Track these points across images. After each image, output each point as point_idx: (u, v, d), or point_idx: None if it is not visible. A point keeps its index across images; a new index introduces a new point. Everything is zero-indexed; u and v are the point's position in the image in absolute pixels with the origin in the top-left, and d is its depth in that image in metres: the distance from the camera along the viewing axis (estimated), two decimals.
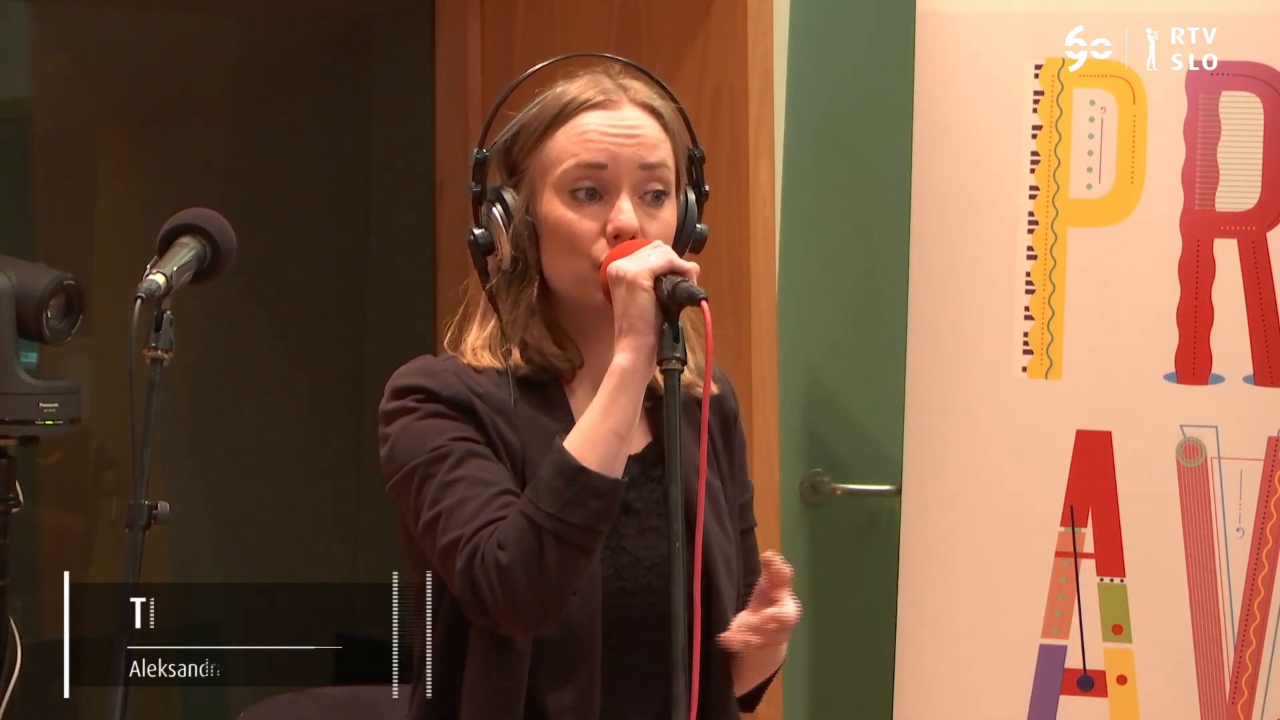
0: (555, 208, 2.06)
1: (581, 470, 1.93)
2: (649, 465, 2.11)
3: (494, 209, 2.07)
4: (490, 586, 1.93)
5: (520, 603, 1.93)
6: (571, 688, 2.02)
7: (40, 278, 2.74)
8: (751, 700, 2.22)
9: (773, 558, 2.02)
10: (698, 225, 2.12)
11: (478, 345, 2.11)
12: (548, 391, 2.09)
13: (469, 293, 2.16)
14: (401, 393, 2.06)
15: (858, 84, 3.47)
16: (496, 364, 2.09)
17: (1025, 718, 3.00)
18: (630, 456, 2.07)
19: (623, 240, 2.02)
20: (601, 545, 1.97)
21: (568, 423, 2.03)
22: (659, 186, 2.07)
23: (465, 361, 2.10)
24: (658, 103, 2.10)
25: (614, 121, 2.06)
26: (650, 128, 2.08)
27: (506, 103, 2.12)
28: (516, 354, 2.08)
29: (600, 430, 1.96)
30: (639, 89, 2.10)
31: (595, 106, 2.07)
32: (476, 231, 2.08)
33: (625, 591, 2.05)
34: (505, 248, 2.07)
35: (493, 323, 2.10)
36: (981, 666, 3.01)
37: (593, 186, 2.05)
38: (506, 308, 2.09)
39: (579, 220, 2.05)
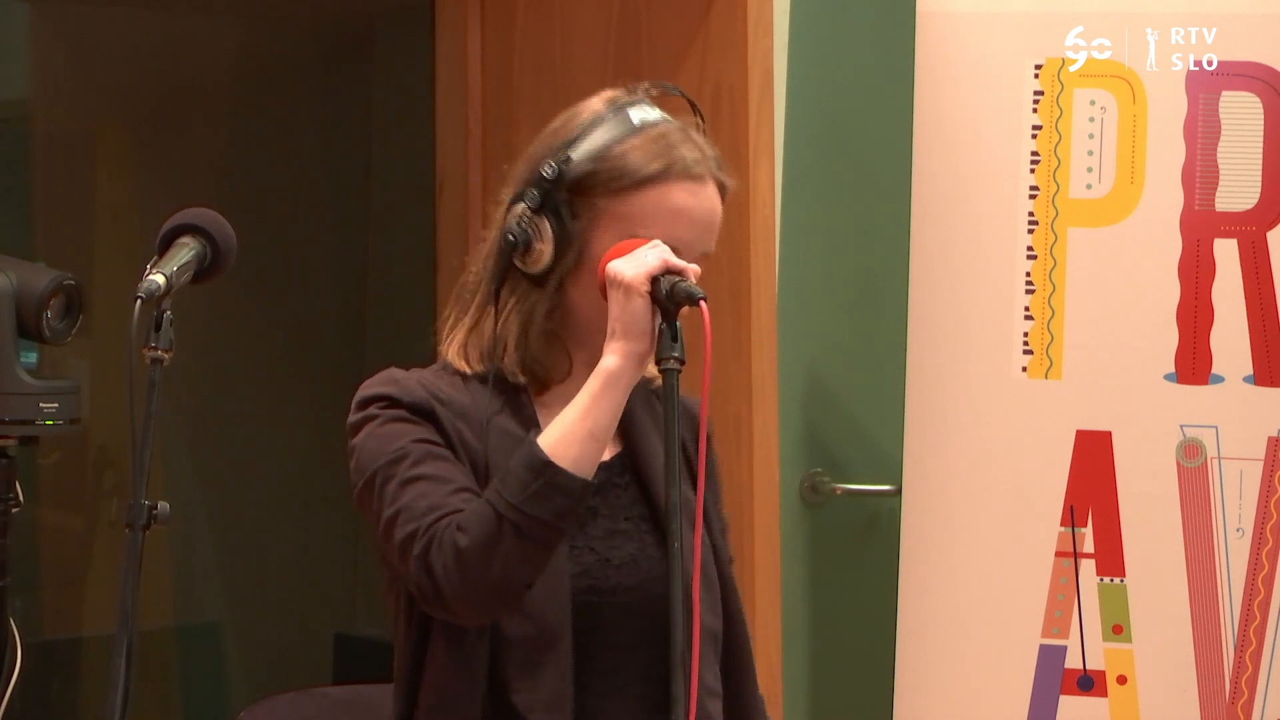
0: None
1: (549, 465, 1.94)
2: (615, 473, 2.12)
3: (546, 222, 2.06)
4: (445, 569, 1.94)
5: (473, 586, 1.93)
6: (542, 685, 2.03)
7: (40, 278, 2.74)
8: None
9: None
10: None
11: (467, 344, 2.11)
12: (516, 400, 2.09)
13: (467, 284, 2.15)
14: (365, 403, 2.09)
15: (858, 84, 3.48)
16: (478, 367, 2.09)
17: (1025, 718, 3.00)
18: (600, 463, 2.07)
19: (624, 241, 2.03)
20: (561, 543, 1.97)
21: (535, 432, 2.03)
22: (701, 265, 2.09)
23: (450, 361, 2.11)
24: (727, 178, 2.11)
25: (700, 204, 2.07)
26: (720, 211, 2.10)
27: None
28: (512, 348, 2.08)
29: (576, 429, 1.96)
30: (716, 160, 2.11)
31: (689, 179, 2.06)
32: (518, 233, 2.06)
33: (595, 590, 2.06)
34: (544, 260, 2.06)
35: (487, 322, 2.10)
36: (981, 666, 3.01)
37: None
38: (510, 306, 2.09)
39: None
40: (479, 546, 1.92)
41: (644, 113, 2.09)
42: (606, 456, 2.10)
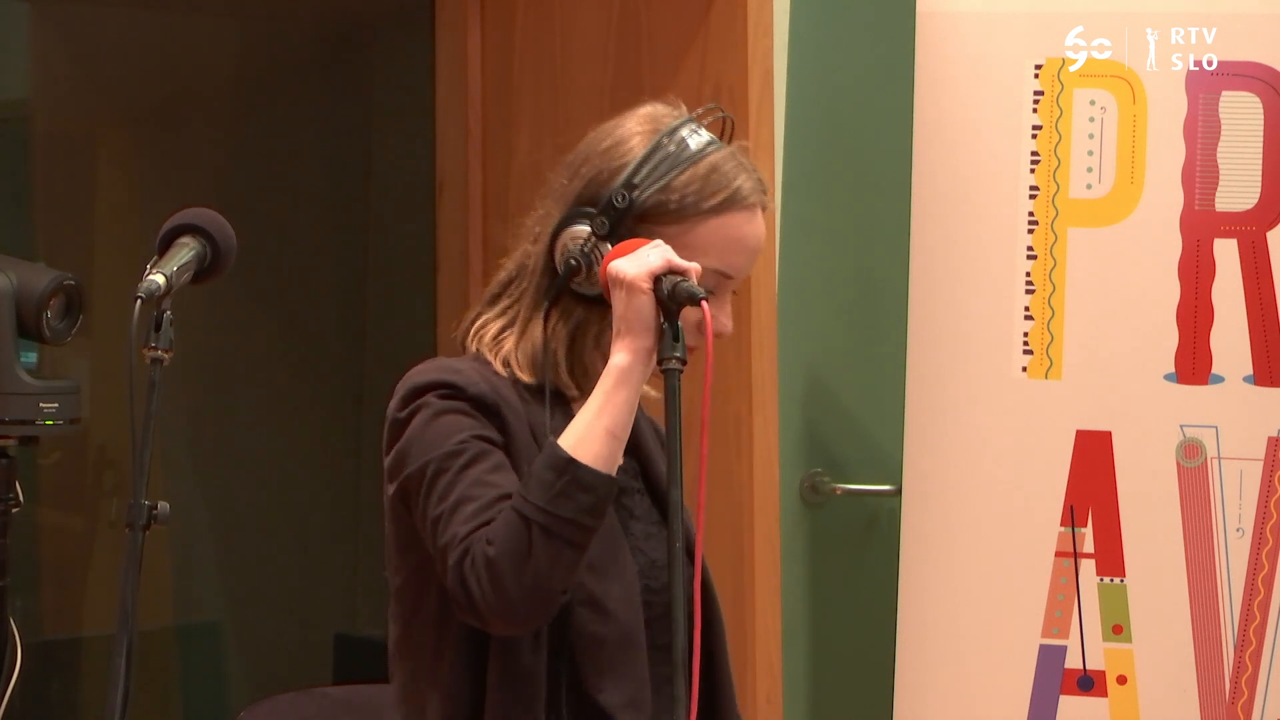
0: None
1: (571, 462, 1.93)
2: (631, 477, 2.13)
3: (602, 245, 2.06)
4: (479, 583, 1.92)
5: (507, 597, 1.92)
6: (626, 683, 2.03)
7: (40, 278, 2.74)
8: None
9: None
10: None
11: (517, 352, 2.10)
12: (567, 412, 2.08)
13: (502, 283, 2.15)
14: (421, 390, 2.05)
15: (858, 84, 3.47)
16: (528, 376, 2.09)
17: (1025, 718, 3.00)
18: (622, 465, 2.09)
19: (626, 241, 2.03)
20: (590, 544, 1.96)
21: (554, 435, 2.02)
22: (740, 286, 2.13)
23: (485, 357, 2.11)
24: (768, 202, 2.13)
25: (755, 233, 2.10)
26: (765, 234, 2.13)
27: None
28: (562, 360, 2.09)
29: (594, 427, 1.96)
30: (762, 184, 2.12)
31: (746, 209, 2.09)
32: (580, 258, 2.06)
33: (650, 590, 2.07)
34: (600, 283, 2.04)
35: (535, 331, 2.10)
36: (981, 666, 3.01)
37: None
38: (558, 320, 2.09)
39: None
40: (508, 555, 1.91)
41: (698, 137, 2.10)
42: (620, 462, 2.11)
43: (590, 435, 1.96)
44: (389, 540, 2.10)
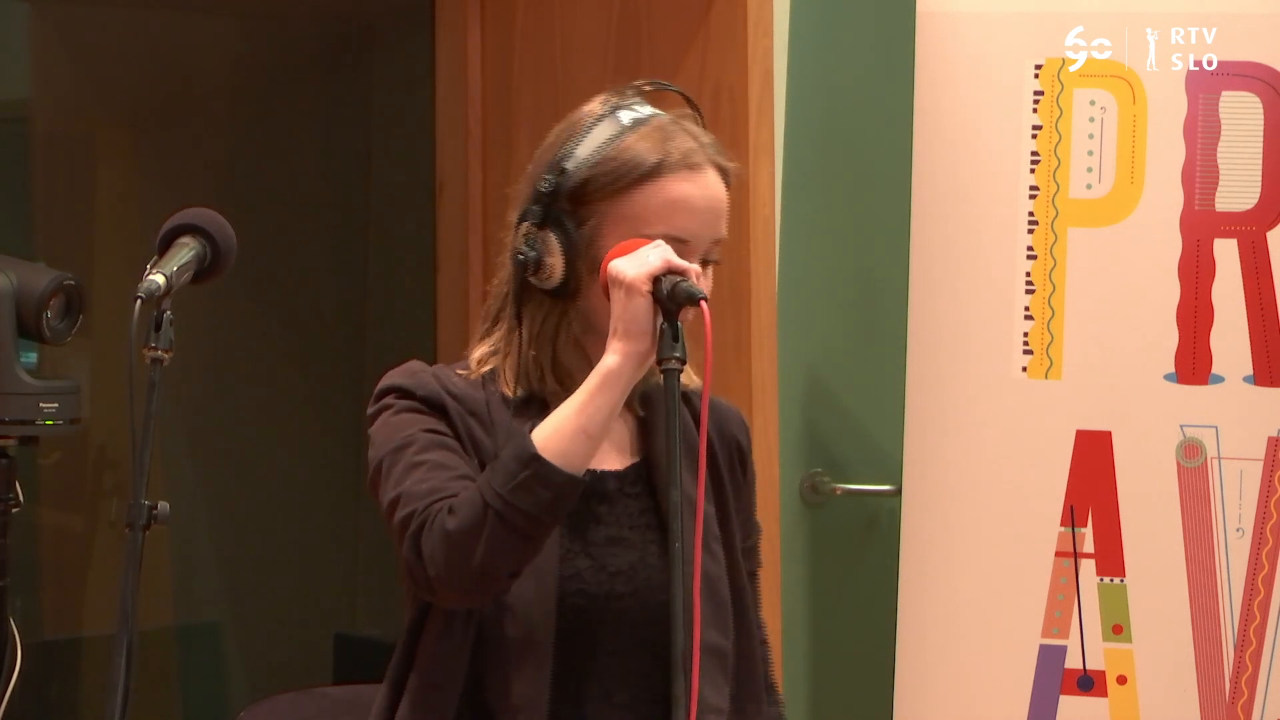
0: None
1: (536, 458, 1.94)
2: (628, 482, 2.12)
3: (552, 235, 2.06)
4: (431, 548, 1.95)
5: (455, 569, 1.94)
6: (517, 685, 2.03)
7: (40, 278, 2.74)
8: None
9: None
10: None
11: (505, 368, 2.11)
12: (533, 405, 2.09)
13: (489, 307, 2.16)
14: (381, 394, 2.10)
15: (858, 84, 3.47)
16: (518, 391, 2.09)
17: (1025, 718, 3.00)
18: (610, 472, 2.09)
19: (627, 241, 2.02)
20: (545, 537, 1.97)
21: (531, 426, 2.02)
22: (718, 253, 2.09)
23: (471, 366, 2.12)
24: (726, 162, 2.11)
25: (700, 193, 2.07)
26: (724, 196, 2.10)
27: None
28: (548, 370, 2.09)
29: (569, 425, 1.96)
30: (713, 146, 2.11)
31: (686, 169, 2.06)
32: (526, 252, 2.06)
33: (585, 594, 2.05)
34: (557, 273, 2.05)
35: (510, 336, 2.11)
36: (981, 666, 3.01)
37: None
38: (532, 322, 2.09)
39: None
40: (463, 530, 1.93)
41: (634, 111, 2.09)
42: (620, 466, 2.11)
43: (562, 432, 1.96)
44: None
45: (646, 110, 2.10)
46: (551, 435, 1.96)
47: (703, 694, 1.96)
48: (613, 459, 2.11)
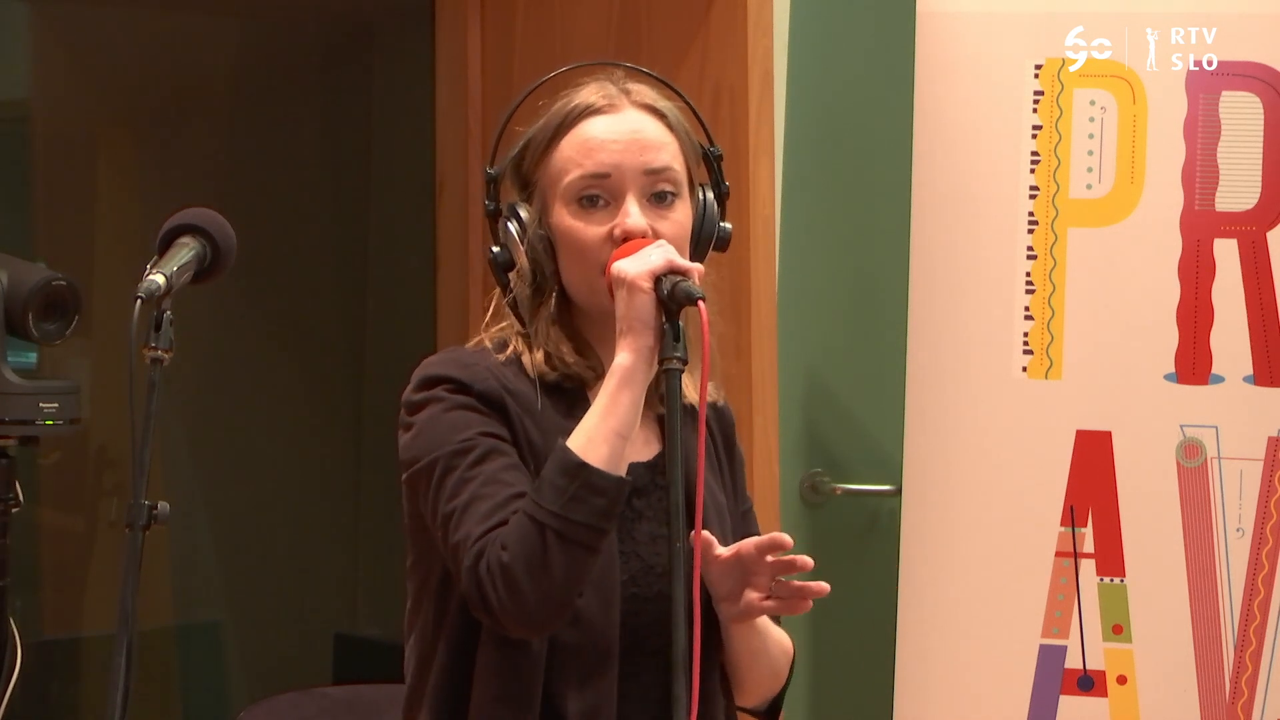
0: (564, 218, 2.06)
1: (583, 466, 1.93)
2: (658, 473, 2.10)
3: (509, 224, 2.08)
4: (495, 588, 1.92)
5: (524, 604, 1.92)
6: (591, 693, 2.02)
7: (30, 277, 2.72)
8: (773, 712, 2.21)
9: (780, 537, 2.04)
10: (721, 224, 2.13)
11: (531, 354, 2.11)
12: (572, 397, 2.08)
13: (496, 304, 2.16)
14: (432, 382, 2.06)
15: (858, 84, 3.47)
16: (551, 375, 2.09)
17: (1025, 718, 3.00)
18: (639, 464, 2.08)
19: (631, 241, 2.03)
20: (606, 545, 1.96)
21: (562, 439, 2.01)
22: (667, 188, 2.07)
23: (490, 347, 2.11)
24: (661, 104, 2.11)
25: (616, 127, 2.07)
26: (653, 130, 2.08)
27: (515, 117, 2.13)
28: (540, 361, 2.08)
29: (602, 429, 1.96)
30: (642, 91, 2.11)
31: (597, 112, 2.08)
32: (495, 249, 2.09)
33: (640, 598, 2.05)
34: (523, 261, 2.07)
35: (537, 335, 2.10)
36: (981, 666, 3.01)
37: (598, 194, 2.05)
38: (529, 320, 2.09)
39: (587, 228, 2.05)
40: (524, 561, 1.91)
41: (563, 98, 2.11)
42: (646, 457, 2.11)
43: (598, 437, 1.95)
44: (404, 517, 2.10)
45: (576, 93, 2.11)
46: (588, 442, 1.95)
47: (706, 685, 1.95)
48: (639, 449, 2.09)
